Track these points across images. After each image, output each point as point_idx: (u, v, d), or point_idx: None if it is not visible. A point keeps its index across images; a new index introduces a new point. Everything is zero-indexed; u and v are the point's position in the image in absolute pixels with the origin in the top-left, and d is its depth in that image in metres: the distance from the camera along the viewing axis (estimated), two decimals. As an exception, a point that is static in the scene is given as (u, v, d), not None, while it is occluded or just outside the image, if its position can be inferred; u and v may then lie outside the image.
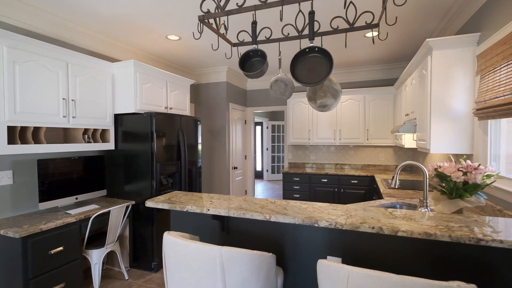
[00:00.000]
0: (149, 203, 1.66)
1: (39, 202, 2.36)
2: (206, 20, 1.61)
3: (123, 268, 2.76)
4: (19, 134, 2.24)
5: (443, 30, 2.89)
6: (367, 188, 4.16)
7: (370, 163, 4.76)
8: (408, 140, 3.43)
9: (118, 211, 2.56)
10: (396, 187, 2.33)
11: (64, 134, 2.72)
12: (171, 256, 1.21)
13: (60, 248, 2.17)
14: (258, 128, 9.26)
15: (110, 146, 2.93)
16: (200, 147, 3.68)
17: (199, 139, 3.66)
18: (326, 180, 4.39)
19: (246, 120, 5.61)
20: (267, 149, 9.04)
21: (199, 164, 3.64)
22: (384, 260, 1.33)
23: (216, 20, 1.70)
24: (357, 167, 4.83)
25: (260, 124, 9.21)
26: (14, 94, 2.09)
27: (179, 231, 1.85)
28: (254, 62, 1.75)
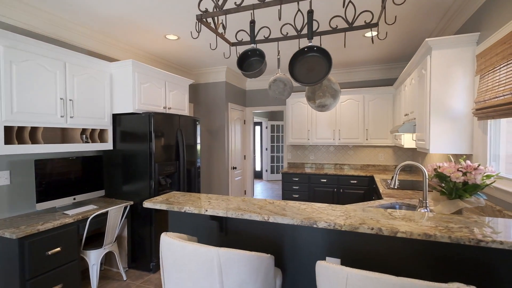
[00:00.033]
0: (146, 204, 1.65)
1: (37, 203, 2.35)
2: (204, 19, 1.60)
3: (121, 269, 2.75)
4: (16, 134, 2.22)
5: (443, 30, 2.89)
6: (366, 188, 4.15)
7: (369, 163, 4.75)
8: (408, 140, 3.43)
9: (116, 211, 2.54)
10: (396, 187, 2.32)
11: (62, 134, 2.71)
12: (168, 257, 1.20)
13: (58, 249, 2.16)
14: (258, 128, 9.25)
15: (108, 146, 2.92)
16: (199, 147, 3.66)
17: (198, 139, 3.65)
18: (325, 180, 4.39)
19: (245, 120, 5.60)
20: (267, 149, 9.02)
21: (198, 164, 3.63)
22: (383, 261, 1.32)
23: (215, 19, 1.69)
24: (356, 167, 4.82)
25: (259, 124, 9.20)
26: (11, 93, 2.07)
27: (177, 232, 1.84)
28: (252, 61, 1.74)
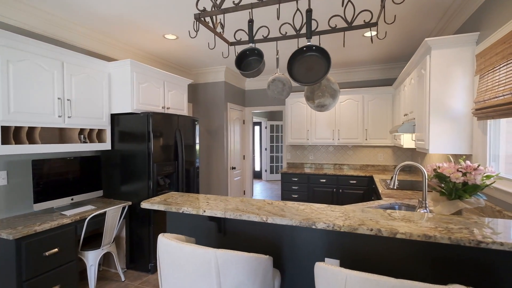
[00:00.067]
0: (144, 205, 1.63)
1: (34, 203, 2.33)
2: (203, 19, 1.59)
3: (120, 270, 2.74)
4: (14, 134, 2.21)
5: (442, 30, 2.88)
6: (365, 189, 4.15)
7: (368, 163, 4.74)
8: (407, 140, 3.42)
9: (114, 212, 2.53)
10: (395, 187, 2.32)
11: (60, 134, 2.69)
12: (165, 259, 1.18)
13: (55, 250, 2.14)
14: (257, 128, 9.24)
15: (106, 146, 2.90)
16: (198, 147, 3.65)
17: (197, 139, 3.64)
18: (324, 181, 4.38)
19: (244, 120, 5.59)
20: (266, 149, 9.01)
21: (196, 164, 3.61)
22: (383, 262, 1.31)
23: (213, 19, 1.68)
24: (355, 167, 4.81)
25: (258, 124, 9.19)
26: (8, 93, 2.06)
27: (175, 232, 1.82)
28: (250, 61, 1.72)
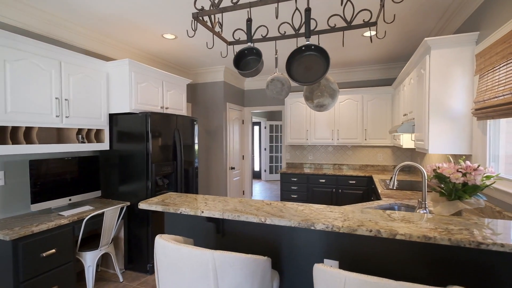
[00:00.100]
0: (142, 205, 1.62)
1: (31, 204, 2.31)
2: (201, 18, 1.57)
3: (118, 270, 2.72)
4: (11, 134, 2.19)
5: (442, 29, 2.87)
6: (365, 189, 4.14)
7: (368, 163, 4.73)
8: (406, 140, 3.41)
9: (112, 212, 2.51)
10: (395, 188, 2.31)
11: (58, 134, 2.68)
12: (162, 260, 1.17)
13: (53, 251, 2.13)
14: (256, 128, 9.22)
15: (104, 146, 2.89)
16: (196, 147, 3.64)
17: (196, 139, 3.62)
18: (324, 181, 4.37)
19: (243, 120, 5.58)
20: (265, 149, 9.00)
21: (195, 164, 3.60)
22: (382, 263, 1.30)
23: (211, 18, 1.67)
24: (355, 168, 4.81)
25: (258, 124, 9.17)
26: (4, 93, 2.04)
27: (174, 233, 1.81)
28: (249, 60, 1.71)
